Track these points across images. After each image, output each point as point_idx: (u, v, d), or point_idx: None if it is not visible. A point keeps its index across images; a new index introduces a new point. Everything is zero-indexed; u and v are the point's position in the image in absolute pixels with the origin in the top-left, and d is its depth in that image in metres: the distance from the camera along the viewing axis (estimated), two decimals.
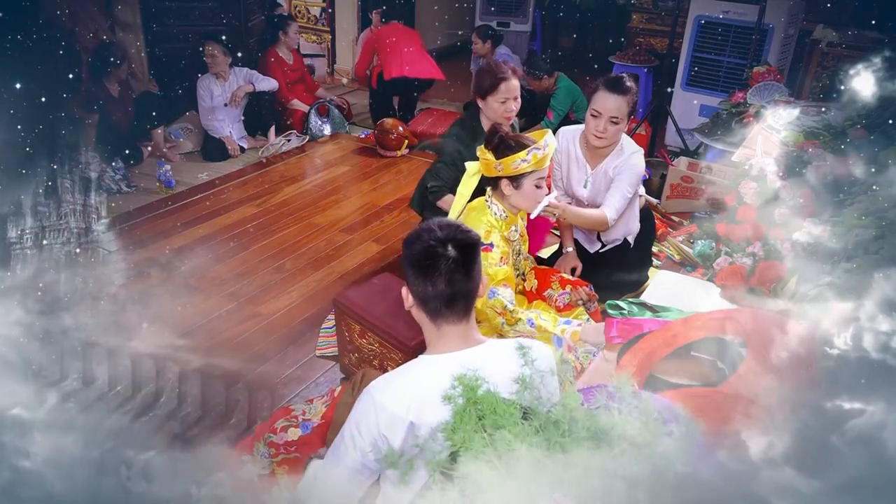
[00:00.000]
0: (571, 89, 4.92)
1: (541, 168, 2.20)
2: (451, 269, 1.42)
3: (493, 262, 2.21)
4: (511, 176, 2.21)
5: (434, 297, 1.45)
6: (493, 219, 2.28)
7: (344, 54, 7.13)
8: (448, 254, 1.42)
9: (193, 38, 5.14)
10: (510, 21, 6.99)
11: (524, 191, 2.23)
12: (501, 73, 2.79)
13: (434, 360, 1.47)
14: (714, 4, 4.91)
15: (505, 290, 2.20)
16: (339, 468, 1.45)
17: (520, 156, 2.14)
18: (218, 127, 4.98)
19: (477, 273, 1.48)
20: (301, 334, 2.93)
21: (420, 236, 1.47)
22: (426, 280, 1.44)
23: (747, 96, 4.36)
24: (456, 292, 1.44)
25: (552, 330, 2.20)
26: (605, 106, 2.56)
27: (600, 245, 3.05)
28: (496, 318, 2.22)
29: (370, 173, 4.89)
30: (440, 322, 1.47)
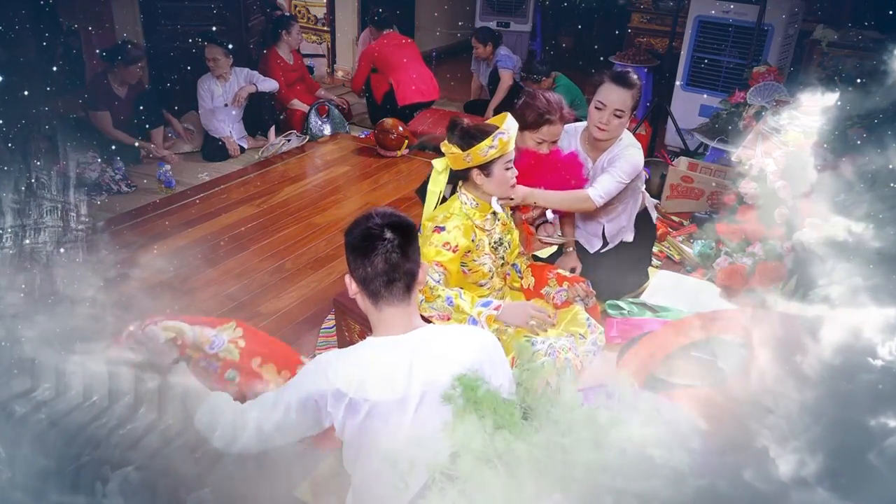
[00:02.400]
0: (571, 88, 4.92)
1: (507, 152, 2.20)
2: (387, 249, 1.50)
3: (435, 242, 2.20)
4: (480, 165, 2.22)
5: (373, 278, 1.52)
6: (460, 208, 2.28)
7: (344, 54, 7.13)
8: (384, 235, 1.51)
9: (193, 38, 5.14)
10: (510, 21, 6.98)
11: (495, 176, 2.23)
12: (549, 116, 2.56)
13: (379, 341, 1.55)
14: (714, 4, 4.91)
15: (434, 270, 2.18)
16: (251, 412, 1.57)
17: (486, 143, 2.15)
18: (218, 127, 4.98)
19: (414, 254, 1.55)
20: (301, 334, 2.93)
21: (359, 223, 1.56)
22: (365, 261, 1.52)
23: (747, 96, 4.36)
24: (394, 271, 1.51)
25: (468, 311, 2.16)
26: (610, 98, 2.57)
27: (601, 245, 3.05)
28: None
29: (370, 173, 4.89)
30: (381, 304, 1.54)
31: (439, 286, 2.18)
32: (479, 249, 2.29)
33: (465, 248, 2.24)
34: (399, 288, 1.53)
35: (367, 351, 1.54)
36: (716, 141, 4.45)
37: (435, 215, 2.29)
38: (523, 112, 2.58)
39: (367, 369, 1.50)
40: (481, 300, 2.22)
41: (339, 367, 1.51)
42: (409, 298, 1.56)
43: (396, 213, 1.57)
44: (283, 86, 5.43)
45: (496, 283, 2.41)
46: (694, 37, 5.04)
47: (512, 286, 2.58)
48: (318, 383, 1.51)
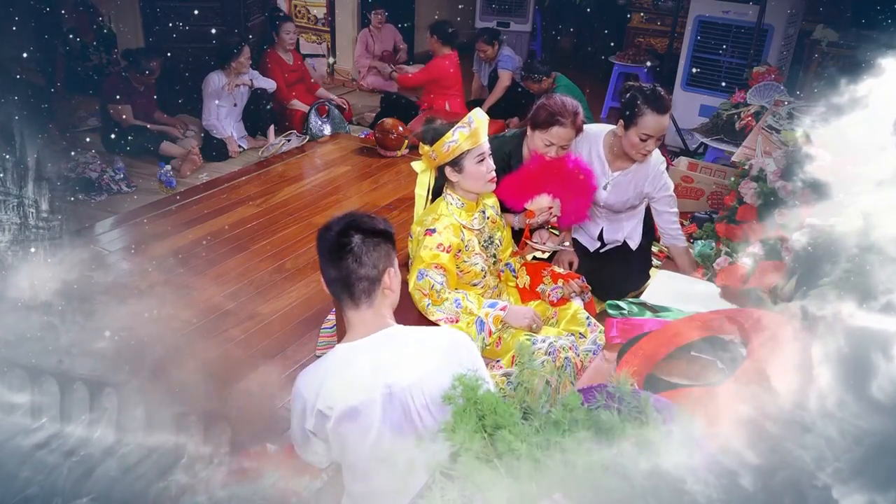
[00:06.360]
0: (570, 88, 4.91)
1: (476, 144, 2.20)
2: (350, 253, 1.49)
3: (430, 244, 2.19)
4: (451, 161, 2.22)
5: (333, 282, 1.53)
6: (446, 209, 2.28)
7: (344, 54, 7.13)
8: (347, 240, 1.50)
9: (193, 38, 5.14)
10: (510, 21, 6.99)
11: (468, 171, 2.23)
12: (560, 118, 2.54)
13: (344, 348, 1.54)
14: (714, 4, 4.91)
15: (434, 272, 2.18)
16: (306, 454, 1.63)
17: (446, 138, 2.16)
18: (219, 127, 4.98)
19: (378, 261, 1.52)
20: (301, 334, 2.93)
21: (331, 224, 1.55)
22: (327, 265, 1.53)
23: (747, 96, 4.37)
24: (352, 277, 1.50)
25: (476, 312, 2.18)
26: (656, 127, 2.56)
27: (600, 244, 3.05)
28: (422, 301, 2.19)
29: (370, 173, 4.89)
30: (345, 308, 1.55)
31: (444, 289, 2.19)
32: (468, 250, 2.29)
33: (457, 246, 2.24)
34: (360, 291, 1.51)
35: (332, 360, 1.54)
36: (715, 141, 4.45)
37: (423, 219, 2.29)
38: (537, 110, 2.59)
39: (332, 378, 1.49)
40: (487, 301, 2.24)
41: (307, 380, 1.52)
42: (371, 301, 1.54)
43: (370, 217, 1.56)
44: (283, 86, 5.43)
45: (490, 281, 2.41)
46: (694, 37, 5.05)
47: (507, 285, 2.58)
48: (298, 402, 1.52)
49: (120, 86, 4.71)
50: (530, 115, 2.64)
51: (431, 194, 2.39)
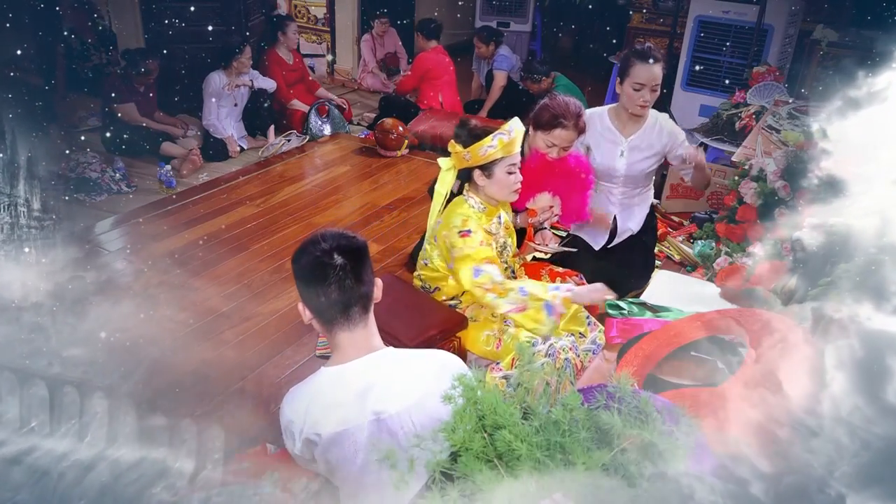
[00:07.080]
0: (570, 88, 4.91)
1: (510, 154, 2.21)
2: (339, 276, 1.42)
3: (472, 244, 2.20)
4: (482, 165, 2.21)
5: (328, 308, 1.45)
6: (470, 210, 2.29)
7: (344, 54, 7.13)
8: (335, 262, 1.41)
9: (193, 37, 5.14)
10: (510, 21, 6.99)
11: (496, 178, 2.24)
12: (563, 120, 2.53)
13: (332, 372, 1.48)
14: (714, 4, 4.91)
15: (490, 266, 2.19)
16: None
17: (485, 142, 2.16)
18: (219, 127, 4.98)
19: (367, 277, 1.48)
20: (301, 334, 2.93)
21: (306, 249, 1.46)
22: (318, 292, 1.44)
23: (747, 96, 4.37)
24: (349, 299, 1.44)
25: (543, 296, 2.16)
26: (647, 76, 2.64)
27: (605, 242, 3.04)
28: (485, 296, 2.18)
29: (370, 173, 4.89)
30: (336, 331, 1.47)
31: (505, 280, 2.20)
32: None
33: (488, 240, 2.27)
34: (356, 312, 1.46)
35: (318, 384, 1.49)
36: (715, 141, 4.45)
37: (449, 221, 2.28)
38: (540, 111, 2.60)
39: (319, 403, 1.45)
40: (551, 285, 2.26)
41: (294, 406, 1.48)
42: (366, 320, 1.50)
43: (345, 235, 1.49)
44: (283, 86, 5.43)
45: None
46: (694, 37, 5.05)
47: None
48: (285, 426, 1.49)
49: (120, 85, 4.72)
50: (532, 115, 2.63)
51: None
